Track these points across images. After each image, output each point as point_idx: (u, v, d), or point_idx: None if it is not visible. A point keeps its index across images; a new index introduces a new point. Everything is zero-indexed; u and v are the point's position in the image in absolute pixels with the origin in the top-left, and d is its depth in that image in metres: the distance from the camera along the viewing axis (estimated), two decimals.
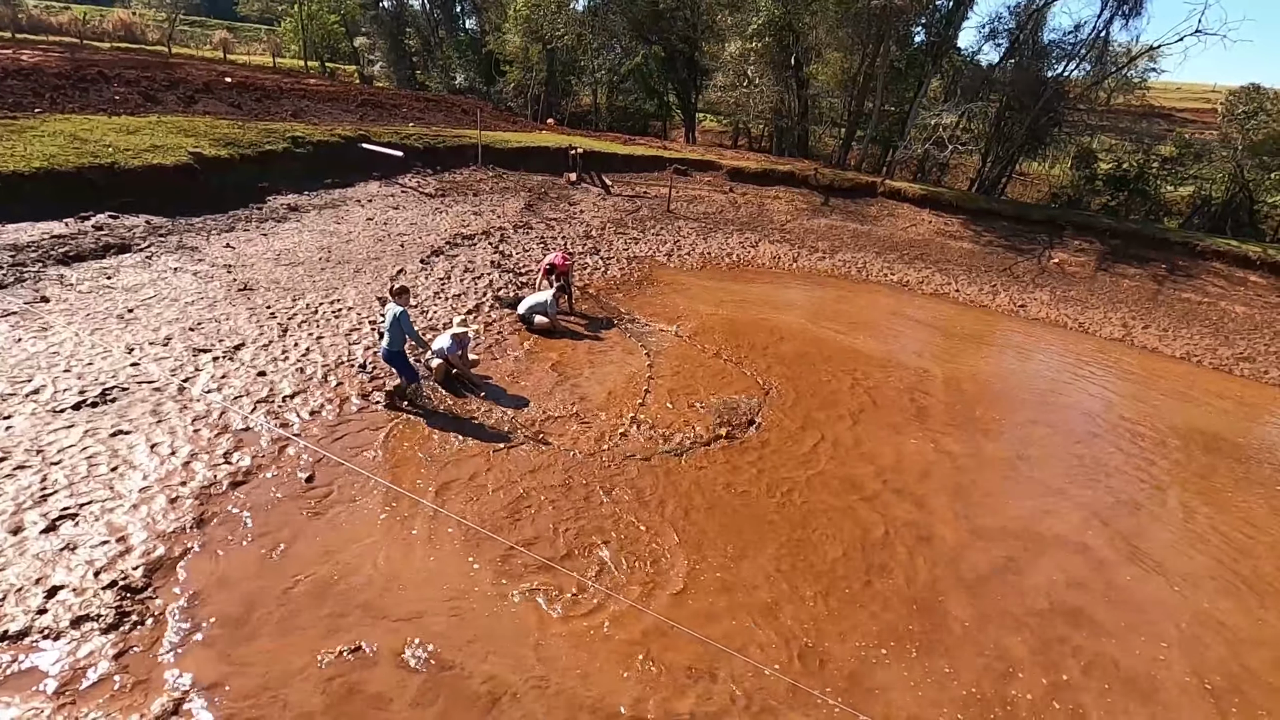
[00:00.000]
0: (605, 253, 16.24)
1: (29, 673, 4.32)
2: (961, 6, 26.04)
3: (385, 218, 15.53)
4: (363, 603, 5.28)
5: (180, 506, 5.90)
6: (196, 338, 8.75)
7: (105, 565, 5.16)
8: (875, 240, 21.26)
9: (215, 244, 12.03)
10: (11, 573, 4.94)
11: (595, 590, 5.78)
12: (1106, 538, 7.82)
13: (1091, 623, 6.41)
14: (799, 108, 31.21)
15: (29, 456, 6.10)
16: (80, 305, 9.01)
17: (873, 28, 25.56)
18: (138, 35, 45.84)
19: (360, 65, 47.70)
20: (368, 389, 8.36)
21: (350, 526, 6.07)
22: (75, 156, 12.30)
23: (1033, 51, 26.48)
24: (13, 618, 4.61)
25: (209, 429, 7.00)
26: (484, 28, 41.72)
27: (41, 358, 7.62)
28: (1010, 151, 27.73)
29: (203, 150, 14.40)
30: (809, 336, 12.86)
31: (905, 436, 9.47)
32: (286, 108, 21.12)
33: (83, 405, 6.95)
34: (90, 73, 19.53)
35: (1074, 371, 13.27)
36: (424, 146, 20.42)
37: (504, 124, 27.93)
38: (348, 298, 10.84)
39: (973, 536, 7.44)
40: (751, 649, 5.45)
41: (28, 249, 10.17)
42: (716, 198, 23.19)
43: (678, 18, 33.50)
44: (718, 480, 7.73)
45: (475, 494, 6.82)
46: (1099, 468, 9.48)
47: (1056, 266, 20.04)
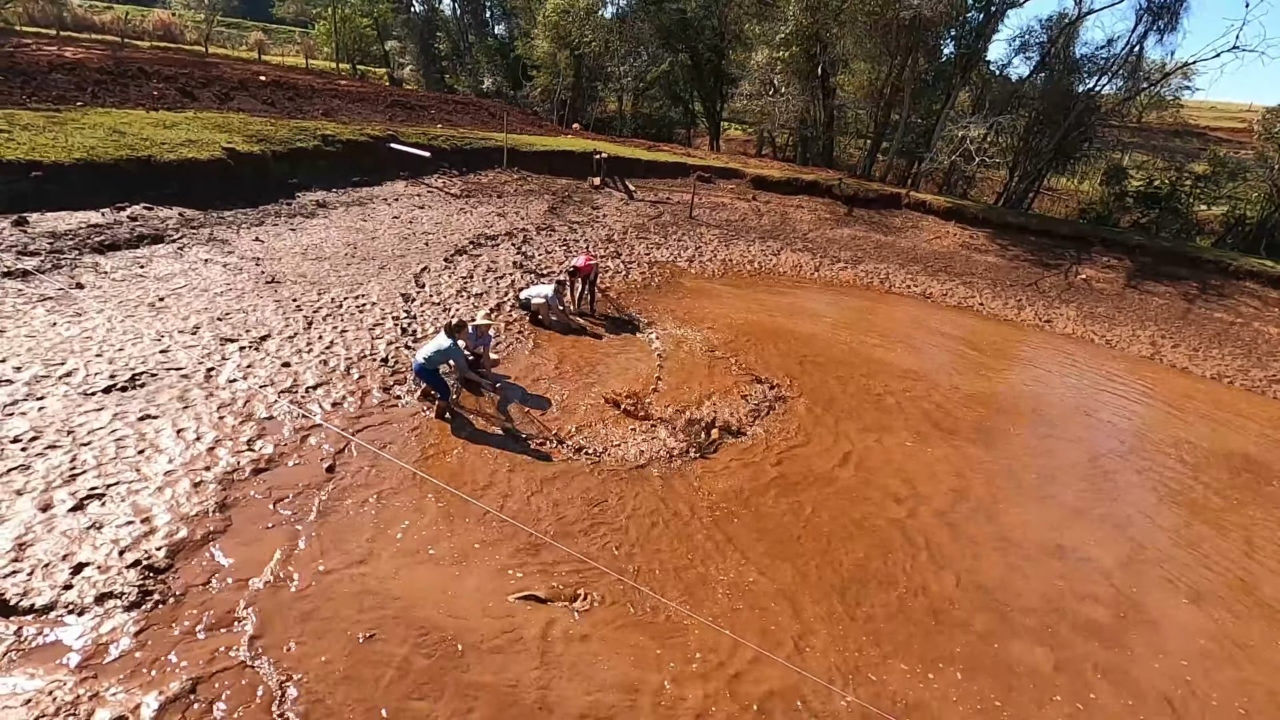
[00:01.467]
0: (626, 257, 16.28)
1: (53, 646, 4.40)
2: (992, 19, 25.84)
3: (411, 216, 15.71)
4: (383, 590, 5.32)
5: (204, 491, 5.99)
6: (224, 327, 8.89)
7: (130, 545, 5.25)
8: (899, 252, 21.09)
9: (245, 237, 12.24)
10: (40, 548, 5.04)
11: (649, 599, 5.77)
12: (1137, 559, 7.65)
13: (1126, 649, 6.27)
14: (824, 117, 31.14)
15: (60, 437, 6.23)
16: (114, 292, 9.21)
17: (901, 39, 25.46)
18: (176, 35, 46.92)
19: (391, 68, 48.43)
20: (389, 382, 8.44)
21: (371, 516, 6.12)
22: (114, 149, 12.61)
23: (1064, 65, 26.19)
24: (39, 592, 4.71)
25: (234, 416, 7.11)
26: (513, 33, 42.20)
27: (75, 342, 7.80)
28: (1038, 166, 27.42)
29: (236, 146, 14.69)
30: (835, 346, 12.76)
31: (932, 450, 9.35)
32: (318, 107, 21.49)
33: (113, 389, 7.09)
34: (131, 69, 20.05)
35: (1102, 389, 13.03)
36: (451, 148, 20.66)
37: (530, 128, 28.17)
38: (372, 293, 10.97)
39: (1005, 556, 7.32)
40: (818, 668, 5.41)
41: (65, 237, 10.42)
42: (739, 205, 23.17)
43: (705, 26, 33.67)
44: (742, 493, 7.69)
45: (506, 492, 6.85)
46: (1129, 488, 9.29)
47: (1084, 282, 19.73)
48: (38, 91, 15.68)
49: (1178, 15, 23.70)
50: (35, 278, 9.10)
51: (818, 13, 26.43)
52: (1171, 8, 23.54)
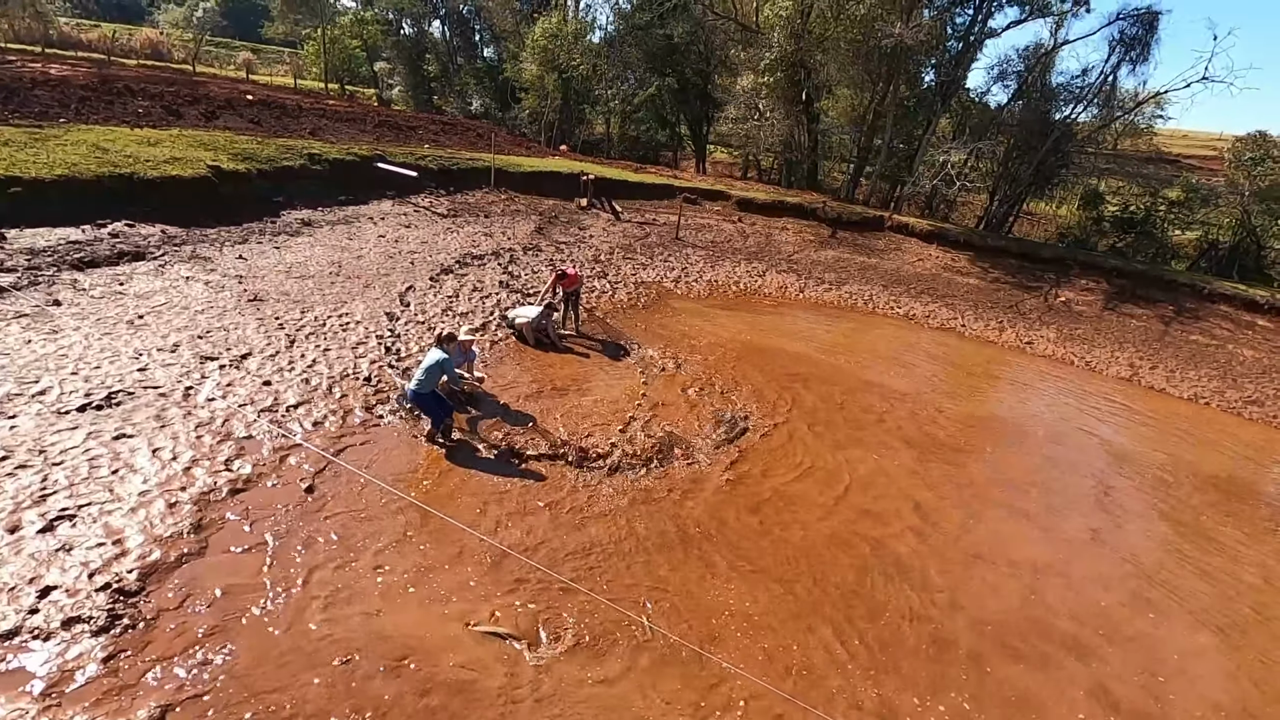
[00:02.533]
0: (613, 277, 16.34)
1: (16, 673, 4.26)
2: (971, 48, 26.52)
3: (397, 235, 15.69)
4: (359, 613, 5.21)
5: (179, 511, 5.87)
6: (204, 345, 8.78)
7: (100, 567, 5.12)
8: (882, 273, 21.35)
9: (228, 255, 12.15)
10: (5, 571, 4.90)
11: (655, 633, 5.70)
12: (1131, 583, 7.69)
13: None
14: (809, 142, 31.64)
15: (31, 456, 6.09)
16: (91, 310, 9.08)
17: (883, 66, 26.00)
18: (164, 54, 46.96)
19: (379, 89, 48.71)
20: (372, 402, 8.36)
21: (349, 539, 6.01)
22: (96, 165, 12.52)
23: (1041, 94, 26.86)
24: (3, 616, 4.57)
25: (211, 435, 6.99)
26: (501, 56, 42.64)
27: (50, 359, 7.66)
28: (1018, 190, 27.97)
29: (221, 164, 14.64)
30: (821, 365, 12.82)
31: (921, 470, 9.38)
32: (305, 125, 21.52)
33: (88, 408, 6.96)
34: (116, 86, 20.00)
35: (1084, 411, 13.18)
36: (438, 168, 20.74)
37: (518, 149, 28.36)
38: (356, 312, 10.90)
39: (1022, 580, 7.33)
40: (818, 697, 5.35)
41: (44, 253, 10.30)
42: (725, 227, 23.39)
43: (691, 51, 34.20)
44: (735, 514, 7.66)
45: (481, 508, 6.78)
46: (1117, 508, 9.36)
47: (1063, 304, 20.05)
48: (20, 108, 15.58)
49: (1149, 47, 24.43)
50: (10, 294, 8.95)
51: (801, 40, 26.97)
52: (1143, 39, 24.27)
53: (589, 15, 39.37)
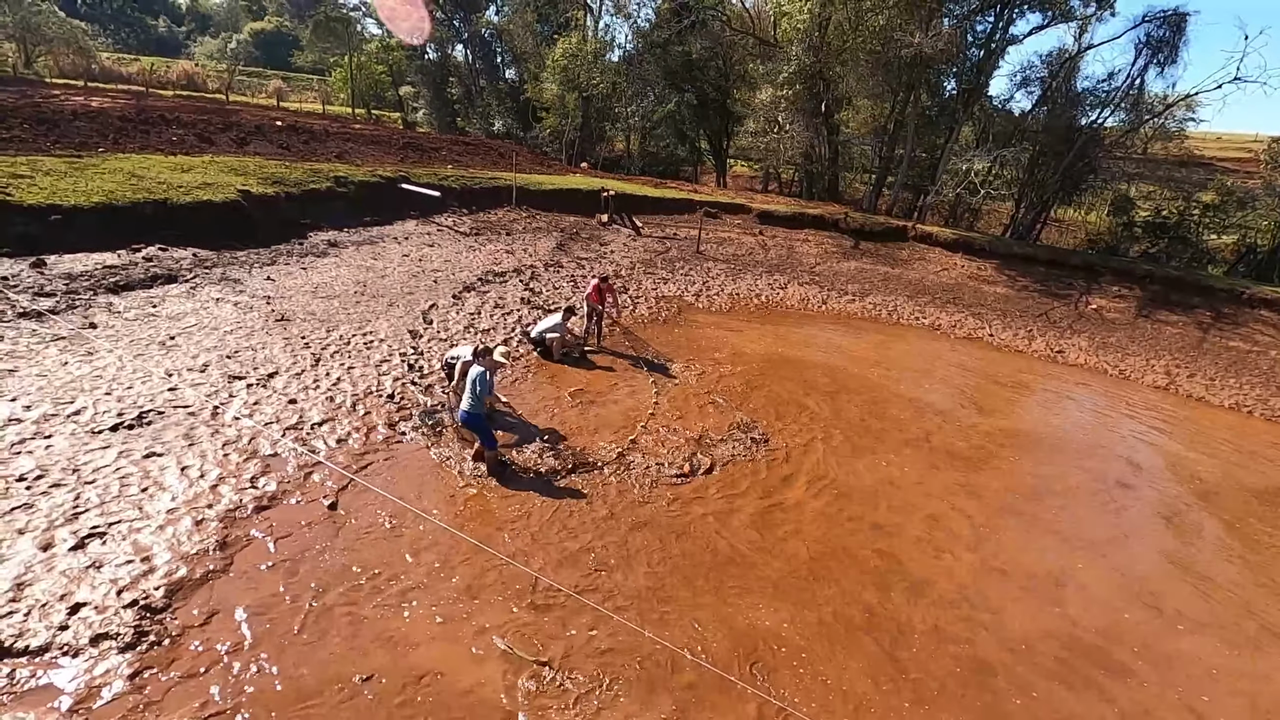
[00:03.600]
0: (634, 292, 16.36)
1: (45, 689, 4.33)
2: (993, 56, 26.27)
3: (420, 254, 15.93)
4: (379, 633, 5.22)
5: (205, 529, 5.95)
6: (233, 365, 8.96)
7: (128, 584, 5.20)
8: (906, 284, 21.09)
9: (257, 276, 12.43)
10: (38, 588, 5.00)
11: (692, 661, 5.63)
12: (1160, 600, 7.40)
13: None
14: (829, 153, 31.55)
15: (65, 475, 6.24)
16: (125, 332, 9.33)
17: (903, 76, 25.89)
18: (199, 84, 48.54)
19: (404, 112, 49.77)
20: (395, 419, 8.44)
21: (371, 555, 6.04)
22: (132, 192, 12.94)
23: (1066, 99, 26.50)
24: (35, 633, 4.65)
25: (238, 453, 7.10)
26: (522, 77, 43.31)
27: (85, 380, 7.87)
28: (1044, 197, 27.54)
29: (250, 188, 15.03)
30: (846, 377, 12.66)
31: (954, 486, 9.18)
32: (332, 149, 22.03)
33: (120, 427, 7.13)
34: (151, 116, 20.69)
35: (1118, 420, 12.80)
36: (461, 188, 21.07)
37: (539, 167, 28.70)
38: (380, 330, 11.05)
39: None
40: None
41: (81, 278, 10.63)
42: (746, 240, 23.35)
43: (710, 67, 34.45)
44: (759, 530, 7.56)
45: (505, 527, 6.77)
46: (1157, 521, 9.04)
47: (1095, 312, 19.60)
48: (61, 139, 16.19)
49: (1177, 49, 24.01)
50: (50, 318, 9.25)
51: (820, 52, 26.99)
52: (1170, 41, 23.86)
53: (608, 34, 39.87)
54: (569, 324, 11.40)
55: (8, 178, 12.09)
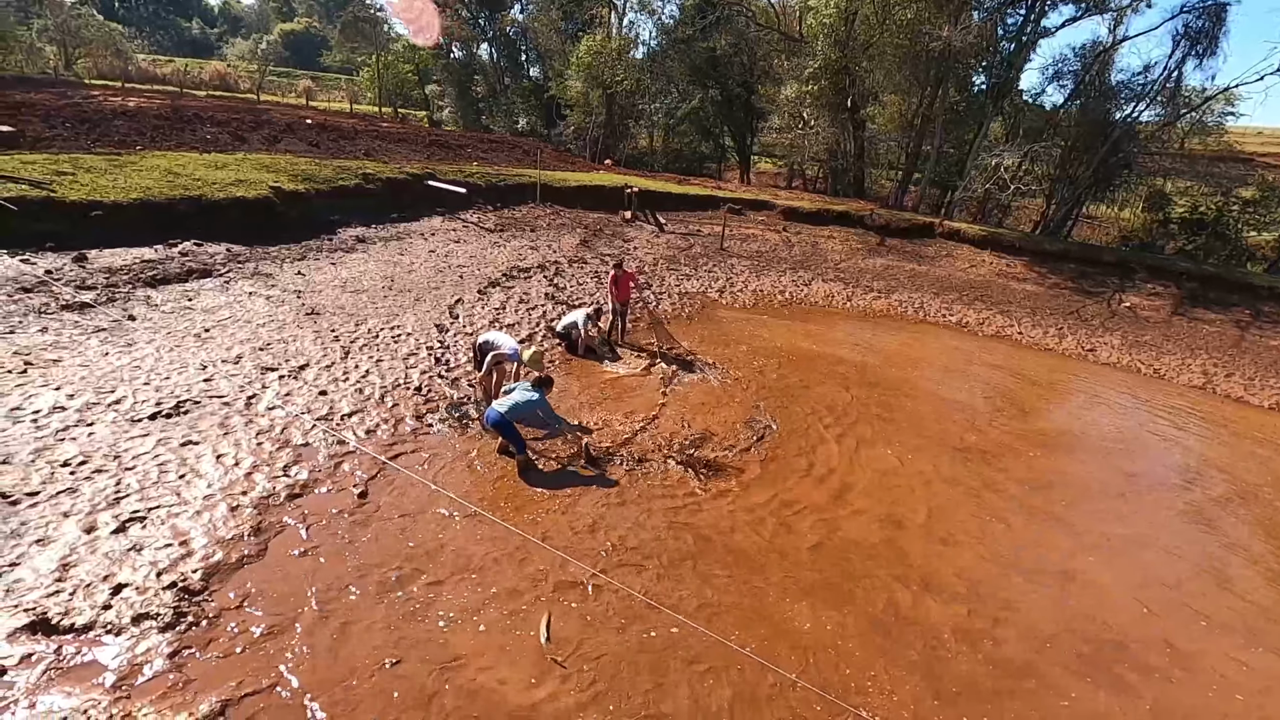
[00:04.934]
0: (658, 288, 16.37)
1: (90, 665, 4.47)
2: (1024, 49, 25.79)
3: (446, 250, 16.10)
4: (409, 619, 5.31)
5: (240, 515, 6.10)
6: (265, 357, 9.16)
7: (167, 567, 5.35)
8: (933, 280, 20.82)
9: (288, 271, 12.68)
10: (83, 569, 5.17)
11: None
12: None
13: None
14: (855, 149, 31.24)
15: (107, 461, 6.44)
16: (162, 324, 9.58)
17: (931, 71, 25.54)
18: (231, 84, 49.57)
19: (430, 110, 50.29)
20: (422, 410, 8.56)
21: (401, 542, 6.14)
22: (168, 189, 13.26)
23: (1099, 93, 25.91)
24: (80, 611, 4.81)
25: (271, 442, 7.26)
26: (547, 74, 43.52)
27: (125, 371, 8.10)
28: (1076, 193, 26.98)
29: (282, 185, 15.32)
30: (869, 373, 12.55)
31: (978, 484, 9.06)
32: (360, 147, 22.35)
33: (158, 416, 7.33)
34: (186, 115, 21.18)
35: (1153, 419, 12.52)
36: (486, 184, 21.23)
37: (563, 164, 28.82)
38: (407, 324, 11.20)
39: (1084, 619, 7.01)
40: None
41: (120, 272, 10.93)
42: (770, 236, 23.22)
43: (735, 63, 34.28)
44: (786, 530, 7.54)
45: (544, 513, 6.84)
46: (1193, 521, 8.84)
47: (1128, 310, 19.17)
48: (101, 137, 16.64)
49: (1216, 40, 23.33)
50: (91, 310, 9.53)
51: (846, 47, 26.72)
52: (1210, 32, 23.20)
53: (632, 31, 39.91)
54: (592, 329, 11.45)
55: (52, 175, 12.47)
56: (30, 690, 4.23)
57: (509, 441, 7.61)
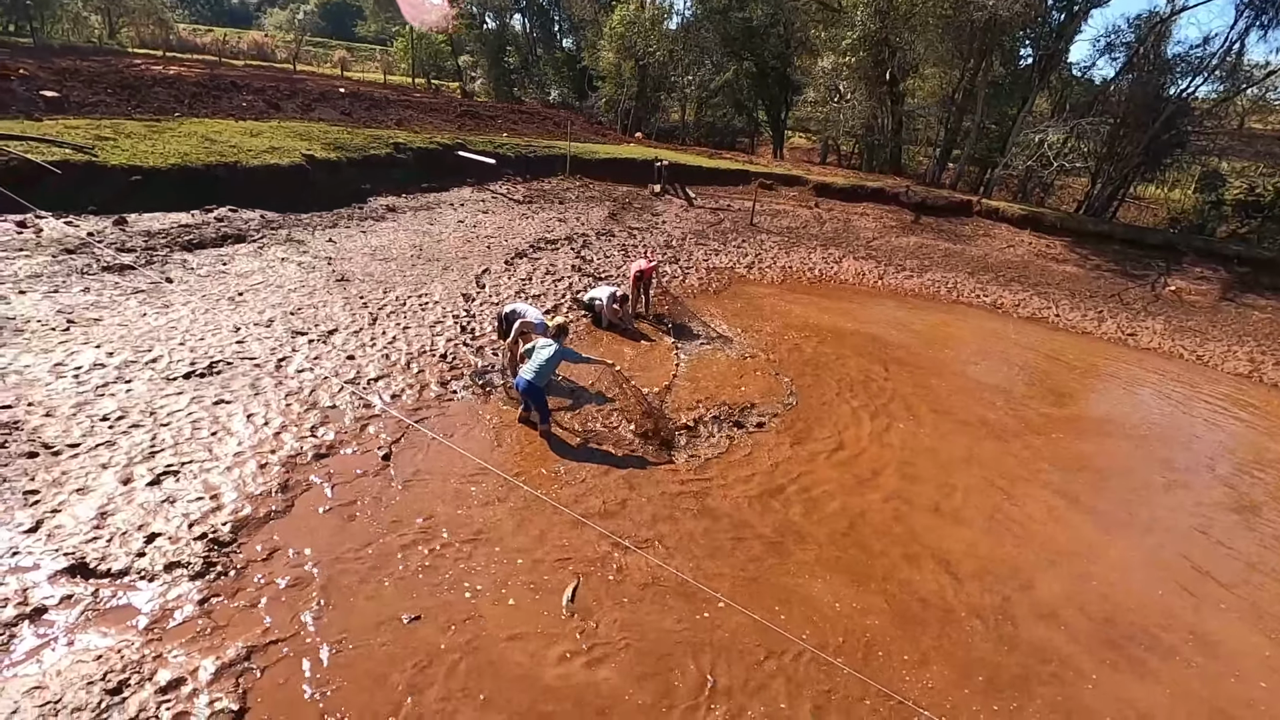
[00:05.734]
0: (684, 262, 16.25)
1: (125, 609, 4.67)
2: (1075, 19, 24.67)
3: (475, 221, 16.16)
4: (428, 573, 5.43)
5: (268, 472, 6.27)
6: (296, 321, 9.34)
7: (198, 519, 5.54)
8: (968, 260, 20.30)
9: (319, 238, 12.86)
10: (119, 518, 5.38)
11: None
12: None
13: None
14: (892, 124, 30.35)
15: (143, 417, 6.66)
16: (198, 287, 9.82)
17: (975, 42, 24.61)
18: (268, 54, 49.93)
19: (462, 81, 50.13)
20: (446, 377, 8.67)
21: (423, 503, 6.27)
22: (205, 155, 13.49)
23: (1154, 66, 24.69)
24: (116, 558, 5.02)
25: (299, 404, 7.43)
26: (579, 45, 43.01)
27: (161, 331, 8.34)
28: (1124, 172, 25.91)
29: (314, 153, 15.48)
30: (898, 351, 12.35)
31: (1009, 466, 8.91)
32: (392, 116, 22.43)
33: (192, 375, 7.54)
34: (224, 83, 21.45)
35: (1195, 407, 12.13)
36: (515, 155, 21.19)
37: (594, 136, 28.58)
38: (434, 292, 11.31)
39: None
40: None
41: (159, 235, 11.21)
42: (801, 212, 22.82)
43: (771, 34, 33.41)
44: (812, 509, 7.52)
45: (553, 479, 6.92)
46: (1241, 513, 8.59)
47: (1173, 294, 18.49)
48: (141, 104, 16.96)
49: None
50: (131, 272, 9.80)
51: (886, 17, 25.84)
52: (1277, 1, 21.89)
53: (666, 1, 39.10)
54: (618, 306, 11.40)
55: (94, 139, 12.77)
56: (69, 629, 4.44)
57: (537, 409, 7.68)
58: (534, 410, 7.74)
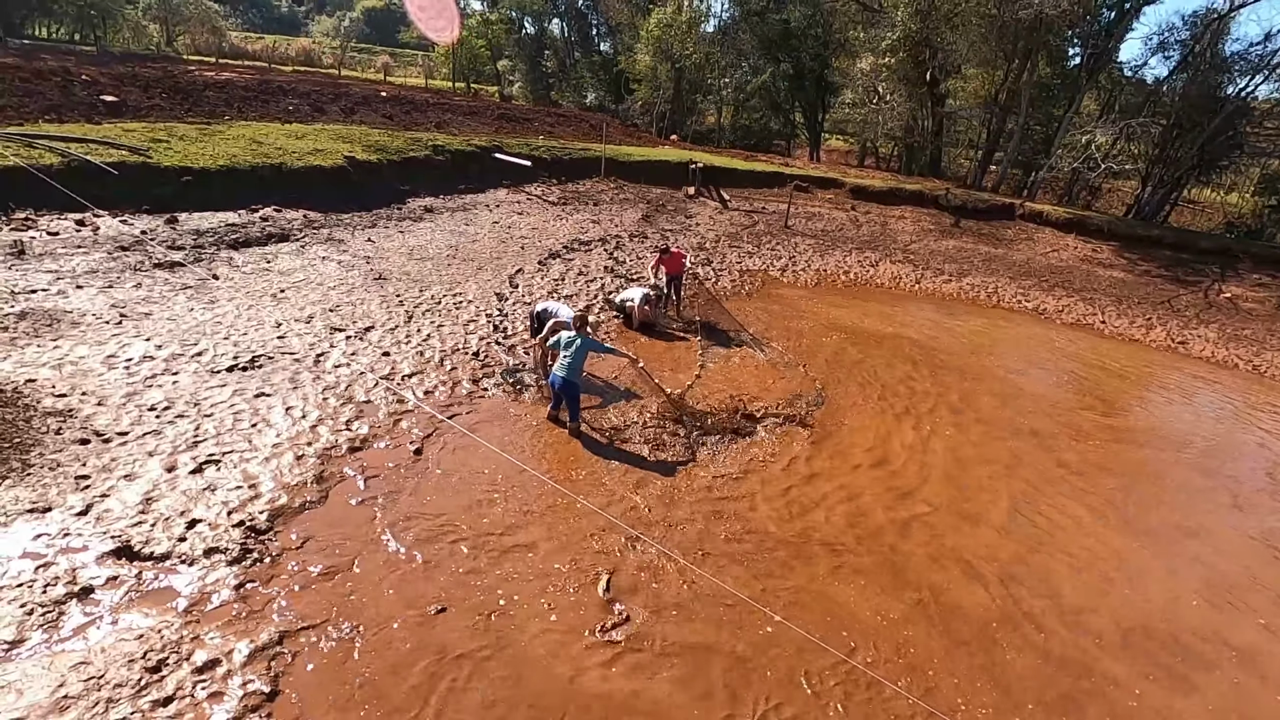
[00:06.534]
0: (718, 264, 16.20)
1: (165, 591, 4.84)
2: (1126, 16, 23.92)
3: (510, 222, 16.36)
4: (457, 566, 5.50)
5: (305, 463, 6.44)
6: (334, 318, 9.58)
7: (237, 507, 5.71)
8: (1010, 265, 19.80)
9: (359, 238, 13.16)
10: (163, 504, 5.58)
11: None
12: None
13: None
14: (933, 126, 29.83)
15: (188, 408, 6.90)
16: (243, 284, 10.14)
17: (1020, 41, 24.04)
18: (315, 60, 51.48)
19: (501, 85, 50.88)
20: (479, 375, 8.78)
21: (453, 497, 6.36)
22: (252, 157, 13.94)
23: (1210, 64, 23.79)
24: (159, 542, 5.20)
25: (336, 398, 7.61)
26: (616, 49, 43.26)
27: (207, 325, 8.64)
28: (1177, 175, 25.00)
29: (356, 155, 15.86)
30: (935, 356, 12.10)
31: (1050, 477, 8.67)
32: (431, 119, 22.86)
33: (235, 368, 7.79)
34: (271, 87, 22.13)
35: (1251, 419, 11.62)
36: (551, 158, 21.39)
37: (629, 139, 28.69)
38: (469, 292, 11.48)
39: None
40: None
41: (207, 234, 11.61)
42: (837, 215, 22.56)
43: (809, 35, 33.17)
44: (850, 520, 7.43)
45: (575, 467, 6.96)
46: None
47: (1228, 301, 17.76)
48: (194, 108, 17.60)
49: None
50: (180, 269, 10.17)
51: (927, 16, 25.41)
52: None
53: (704, 3, 39.14)
54: (649, 307, 11.40)
55: (149, 141, 13.30)
56: (113, 609, 4.62)
57: (569, 406, 7.71)
58: (564, 408, 7.79)
